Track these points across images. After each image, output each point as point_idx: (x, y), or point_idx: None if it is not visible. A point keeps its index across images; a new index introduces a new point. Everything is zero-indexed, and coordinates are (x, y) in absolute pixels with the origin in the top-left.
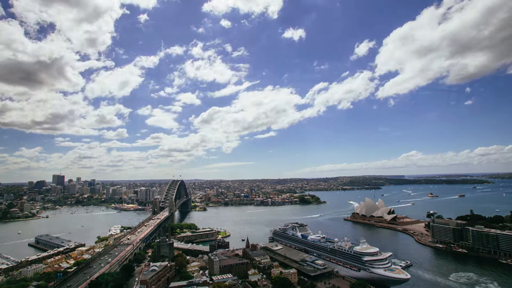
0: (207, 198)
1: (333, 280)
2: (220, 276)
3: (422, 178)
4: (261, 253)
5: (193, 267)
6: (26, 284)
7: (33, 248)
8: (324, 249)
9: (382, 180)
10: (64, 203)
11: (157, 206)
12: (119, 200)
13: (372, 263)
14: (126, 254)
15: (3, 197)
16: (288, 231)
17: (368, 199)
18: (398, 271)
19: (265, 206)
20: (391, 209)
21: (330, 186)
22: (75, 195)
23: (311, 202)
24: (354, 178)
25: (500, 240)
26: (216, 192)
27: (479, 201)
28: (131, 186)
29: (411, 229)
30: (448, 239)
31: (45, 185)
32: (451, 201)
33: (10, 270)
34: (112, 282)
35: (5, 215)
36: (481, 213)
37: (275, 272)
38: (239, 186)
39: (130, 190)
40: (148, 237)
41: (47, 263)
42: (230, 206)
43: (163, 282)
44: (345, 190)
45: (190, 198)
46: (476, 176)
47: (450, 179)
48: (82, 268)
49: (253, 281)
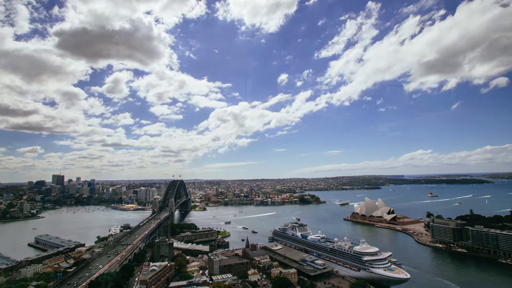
0: (207, 198)
1: (333, 280)
2: (220, 276)
3: (422, 178)
4: (261, 253)
5: (193, 267)
6: (25, 284)
7: (33, 248)
8: (324, 249)
9: (382, 180)
10: (64, 203)
11: (157, 206)
12: (118, 200)
13: (371, 263)
14: (126, 254)
15: (3, 197)
16: (288, 231)
17: (367, 199)
18: (398, 270)
19: (265, 206)
20: (391, 209)
21: (329, 186)
22: (74, 195)
23: (311, 202)
24: (354, 178)
25: (499, 240)
26: (216, 192)
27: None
28: (130, 186)
29: (410, 229)
30: (448, 239)
31: (45, 185)
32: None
33: (10, 270)
34: (111, 282)
35: (4, 215)
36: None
37: (275, 272)
38: (239, 186)
39: (130, 190)
40: (148, 237)
41: (47, 263)
42: (230, 206)
43: (163, 282)
44: (345, 190)
45: (190, 198)
46: (475, 176)
47: (450, 179)
48: (82, 268)
49: (253, 281)
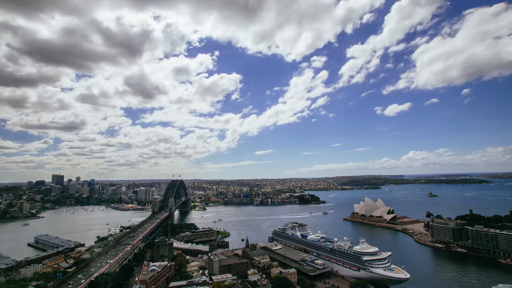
0: (206, 198)
1: (332, 280)
2: (219, 276)
3: (422, 178)
4: (260, 253)
5: (192, 267)
6: (25, 284)
7: (33, 248)
8: (324, 248)
9: (382, 179)
10: (64, 203)
11: (157, 206)
12: (118, 200)
13: (371, 263)
14: (126, 254)
15: (3, 197)
16: (288, 230)
17: (367, 199)
18: (398, 270)
19: (264, 206)
20: (391, 209)
21: (329, 185)
22: (74, 195)
23: (310, 201)
24: (354, 177)
25: (499, 239)
26: (215, 192)
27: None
28: (130, 186)
29: (410, 229)
30: (447, 238)
31: (45, 185)
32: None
33: (10, 270)
34: (111, 282)
35: (4, 215)
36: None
37: (275, 271)
38: (239, 186)
39: (130, 190)
40: (148, 237)
41: (47, 263)
42: (229, 206)
43: (163, 282)
44: (345, 190)
45: (190, 198)
46: (475, 175)
47: (450, 178)
48: (82, 268)
49: (252, 281)
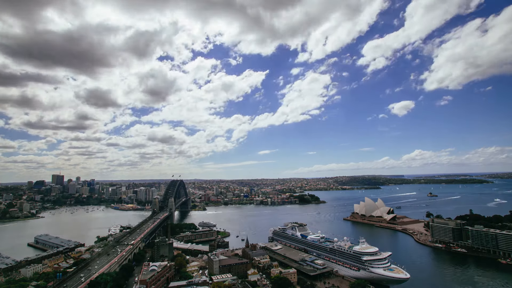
0: (206, 198)
1: (332, 280)
2: (219, 276)
3: (422, 178)
4: (260, 253)
5: (192, 267)
6: (25, 284)
7: (32, 248)
8: (324, 248)
9: (382, 179)
10: (64, 203)
11: (157, 206)
12: (118, 200)
13: (371, 263)
14: (126, 254)
15: (2, 197)
16: (288, 230)
17: (367, 199)
18: (398, 270)
19: (264, 206)
20: (391, 209)
21: (329, 185)
22: (74, 195)
23: (310, 201)
24: (354, 177)
25: (499, 239)
26: (215, 192)
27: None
28: (130, 186)
29: (410, 229)
30: (447, 238)
31: (45, 185)
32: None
33: (10, 270)
34: (111, 282)
35: (4, 215)
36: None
37: (275, 271)
38: (239, 186)
39: (130, 190)
40: (148, 237)
41: (47, 263)
42: (229, 206)
43: (163, 282)
44: (345, 190)
45: (190, 198)
46: (475, 175)
47: (450, 178)
48: (82, 268)
49: (252, 281)
